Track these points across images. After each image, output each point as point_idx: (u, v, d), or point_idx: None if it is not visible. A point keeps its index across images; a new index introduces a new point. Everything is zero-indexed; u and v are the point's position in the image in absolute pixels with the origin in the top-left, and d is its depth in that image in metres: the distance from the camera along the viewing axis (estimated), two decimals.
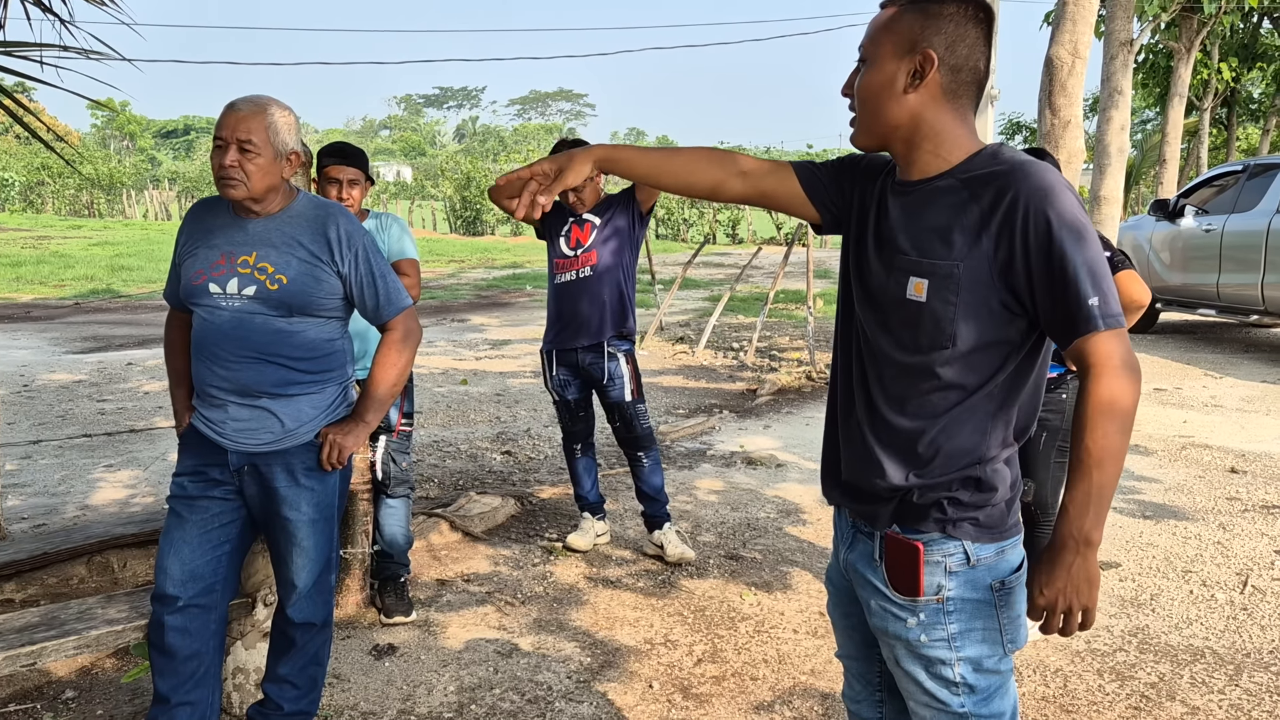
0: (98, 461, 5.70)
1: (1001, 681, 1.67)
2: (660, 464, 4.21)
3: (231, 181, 2.36)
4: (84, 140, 63.84)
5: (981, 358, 1.58)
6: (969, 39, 1.59)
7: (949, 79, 1.59)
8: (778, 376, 8.26)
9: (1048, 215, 1.50)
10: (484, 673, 3.23)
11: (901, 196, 1.65)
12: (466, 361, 9.29)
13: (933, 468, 1.61)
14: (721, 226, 33.08)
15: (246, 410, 2.45)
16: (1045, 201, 1.50)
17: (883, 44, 1.61)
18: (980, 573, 1.61)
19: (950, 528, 1.60)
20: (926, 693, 1.67)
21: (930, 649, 1.64)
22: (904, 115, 1.61)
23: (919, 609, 1.63)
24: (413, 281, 3.57)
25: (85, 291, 15.59)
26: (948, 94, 1.60)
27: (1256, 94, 23.21)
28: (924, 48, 1.58)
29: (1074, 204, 1.52)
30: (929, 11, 1.59)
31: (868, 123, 1.65)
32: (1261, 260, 8.75)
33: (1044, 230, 1.49)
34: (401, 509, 3.72)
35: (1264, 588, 3.89)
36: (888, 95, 1.61)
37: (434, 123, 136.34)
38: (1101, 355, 1.50)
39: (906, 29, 1.59)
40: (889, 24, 1.61)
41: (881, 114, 1.62)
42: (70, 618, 2.62)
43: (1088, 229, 1.51)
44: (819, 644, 3.42)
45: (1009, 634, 1.64)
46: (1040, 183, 1.52)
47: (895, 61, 1.60)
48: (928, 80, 1.58)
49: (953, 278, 1.56)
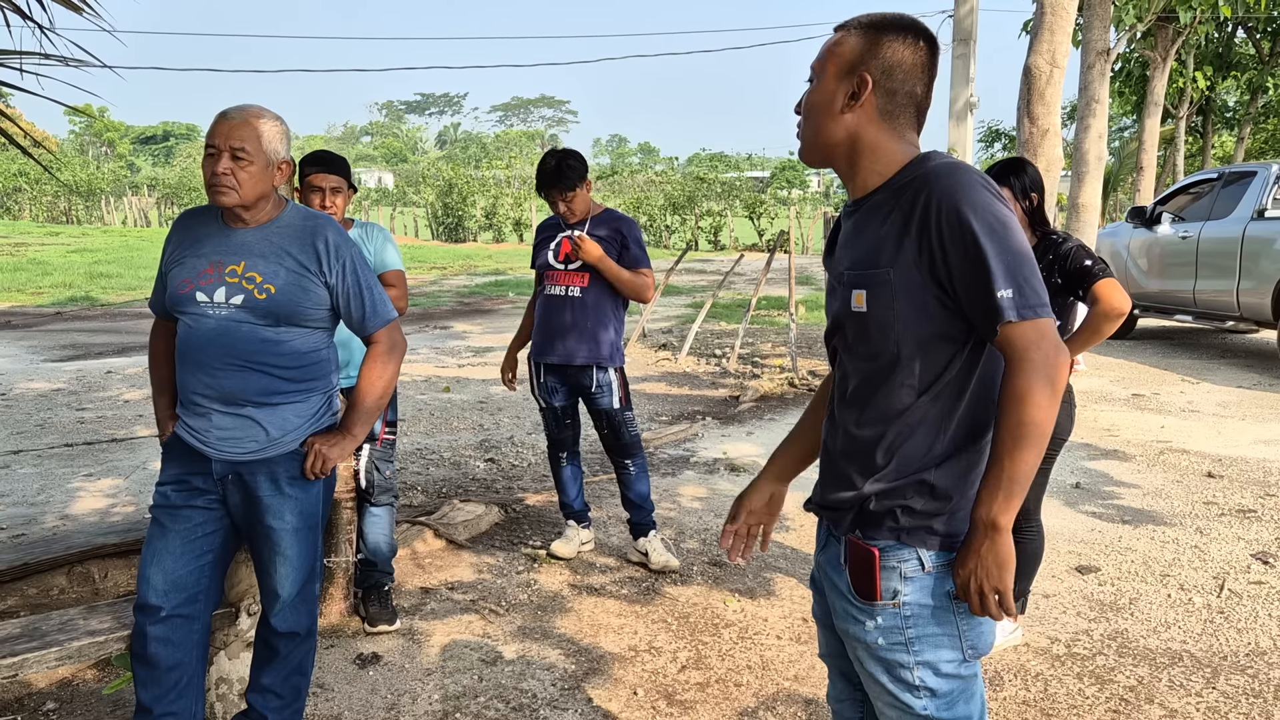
0: (77, 471, 5.66)
1: (964, 686, 1.69)
2: (647, 471, 4.22)
3: (223, 189, 2.37)
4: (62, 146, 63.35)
5: (927, 359, 1.62)
6: (906, 65, 1.67)
7: (885, 101, 1.67)
8: (760, 383, 8.29)
9: (959, 210, 1.55)
10: (468, 681, 3.23)
11: (850, 218, 1.76)
12: (449, 369, 9.27)
13: (887, 473, 1.65)
14: (704, 233, 33.15)
15: (231, 419, 2.44)
16: (957, 197, 1.56)
17: (827, 64, 1.71)
18: (936, 579, 1.64)
19: (904, 535, 1.64)
20: (890, 694, 1.70)
21: (889, 652, 1.67)
22: (841, 133, 1.69)
23: (876, 613, 1.67)
24: (399, 293, 3.58)
25: (64, 299, 15.46)
26: (883, 115, 1.68)
27: (1231, 102, 23.52)
28: (861, 70, 1.67)
29: (987, 199, 1.56)
30: (870, 37, 1.68)
31: (810, 139, 1.74)
32: (1236, 266, 8.86)
33: (955, 224, 1.55)
34: (385, 517, 3.72)
35: (1240, 591, 3.94)
36: (826, 114, 1.70)
37: (416, 129, 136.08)
38: (1018, 346, 1.54)
39: (849, 52, 1.68)
40: (834, 46, 1.71)
41: (821, 131, 1.71)
42: (51, 629, 2.60)
43: (1004, 223, 1.55)
44: (802, 650, 3.44)
45: (969, 640, 1.67)
46: (952, 181, 1.57)
47: (836, 81, 1.69)
48: (863, 101, 1.67)
49: (887, 284, 1.62)
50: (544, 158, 4.10)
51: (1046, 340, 1.54)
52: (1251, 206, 8.93)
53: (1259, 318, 8.75)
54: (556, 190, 4.00)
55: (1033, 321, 1.53)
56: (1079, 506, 5.05)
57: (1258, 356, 9.64)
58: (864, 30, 1.69)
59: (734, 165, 69.48)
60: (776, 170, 73.58)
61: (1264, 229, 8.68)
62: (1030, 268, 1.56)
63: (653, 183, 39.56)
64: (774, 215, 32.93)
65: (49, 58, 3.69)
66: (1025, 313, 1.53)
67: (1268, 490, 5.29)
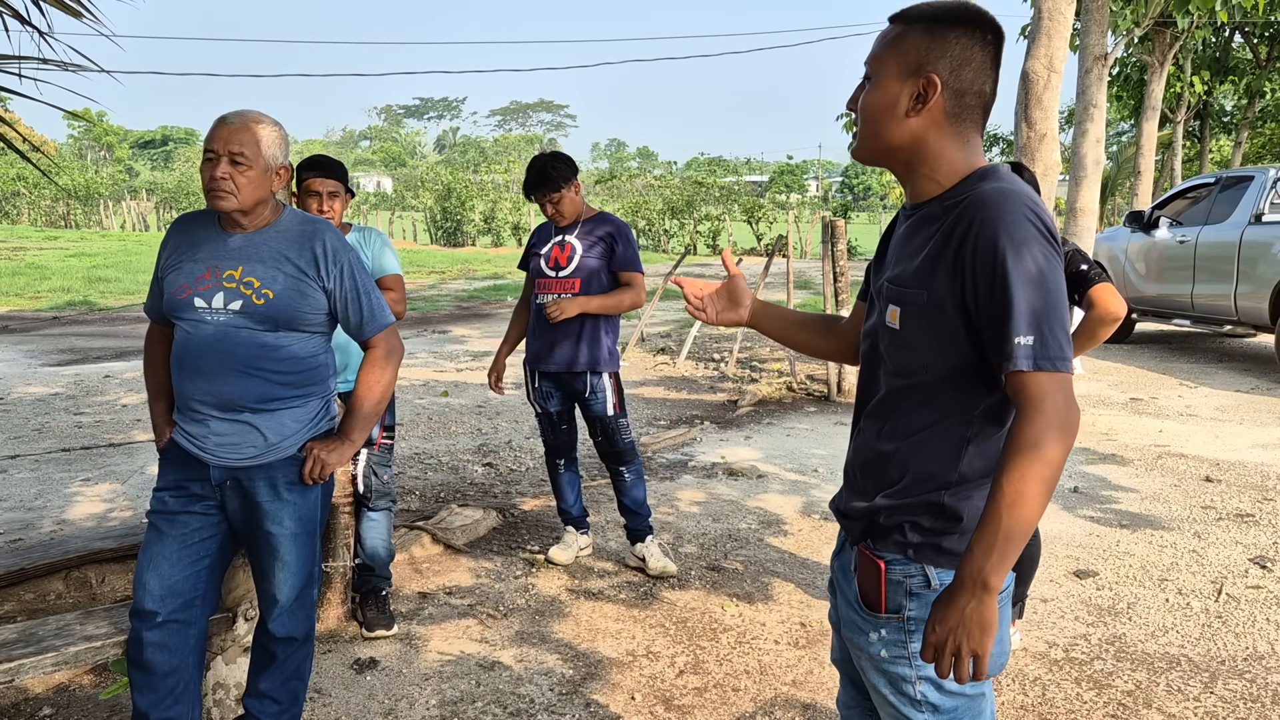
0: (75, 475, 5.65)
1: (969, 704, 1.64)
2: (643, 477, 4.21)
3: (222, 193, 2.37)
4: (60, 151, 63.36)
5: (957, 386, 1.56)
6: (975, 62, 1.55)
7: (953, 103, 1.56)
8: (758, 387, 8.29)
9: (996, 242, 1.46)
10: (466, 686, 3.22)
11: (905, 221, 1.66)
12: (447, 373, 9.27)
13: (899, 489, 1.61)
14: (702, 237, 33.17)
15: (228, 425, 2.44)
16: (999, 229, 1.46)
17: (887, 63, 1.58)
18: None
19: (912, 551, 1.60)
20: (893, 706, 1.67)
21: (892, 665, 1.64)
22: (905, 137, 1.58)
23: (881, 625, 1.64)
24: (398, 297, 3.58)
25: (62, 303, 15.46)
26: (950, 118, 1.57)
27: (1229, 107, 23.56)
28: (928, 71, 1.54)
29: (1031, 236, 1.46)
30: (935, 33, 1.55)
31: (868, 141, 1.63)
32: (1234, 271, 8.87)
33: (989, 257, 1.46)
34: (383, 522, 3.72)
35: (1238, 595, 3.94)
36: (889, 117, 1.58)
37: (414, 133, 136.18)
38: (1033, 395, 1.44)
39: (912, 49, 1.56)
40: (895, 42, 1.58)
41: (882, 134, 1.60)
42: (48, 634, 2.60)
43: (1041, 266, 1.45)
44: (800, 655, 3.43)
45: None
46: (999, 211, 1.47)
47: (899, 83, 1.56)
48: (930, 105, 1.55)
49: (920, 306, 1.55)
50: (530, 161, 4.10)
51: (1063, 395, 1.44)
52: (1249, 211, 8.94)
53: (1257, 322, 8.76)
54: (542, 193, 3.99)
55: (1051, 374, 1.44)
56: (1077, 511, 5.05)
57: (1256, 361, 9.65)
58: (929, 25, 1.55)
59: (732, 170, 69.48)
60: (775, 175, 73.64)
61: (1261, 233, 8.69)
62: (1058, 319, 1.45)
63: (651, 187, 39.60)
64: (772, 220, 32.94)
65: (47, 62, 3.69)
66: (1043, 364, 1.43)
67: (1265, 495, 5.29)
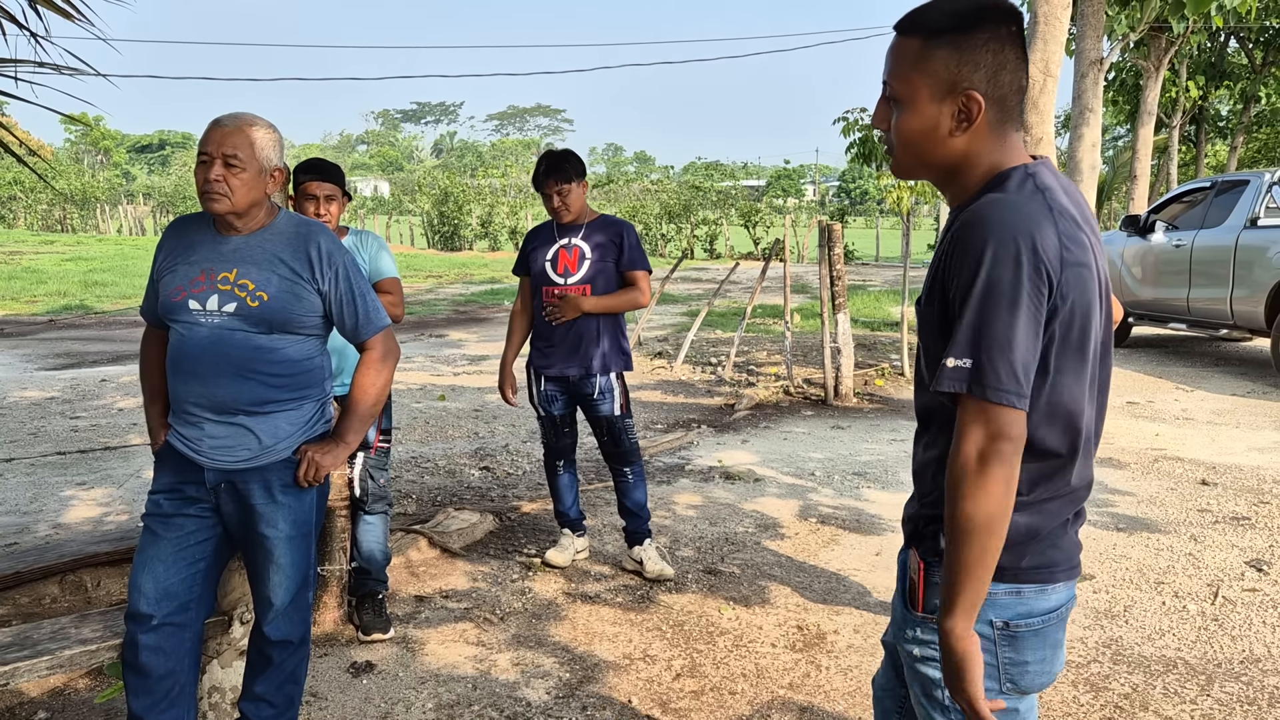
0: (71, 479, 5.64)
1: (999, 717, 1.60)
2: (644, 479, 4.21)
3: (216, 195, 2.37)
4: (57, 155, 63.29)
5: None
6: (1009, 63, 1.47)
7: (995, 111, 1.48)
8: (755, 391, 8.30)
9: (964, 266, 1.41)
10: (462, 689, 3.22)
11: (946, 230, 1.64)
12: (444, 377, 9.27)
13: (934, 499, 1.60)
14: (699, 242, 33.20)
15: (223, 427, 2.44)
16: (980, 243, 1.41)
17: (916, 85, 1.48)
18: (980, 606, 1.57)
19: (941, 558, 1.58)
20: (923, 709, 1.66)
21: (924, 666, 1.63)
22: (953, 156, 1.51)
23: (917, 624, 1.63)
24: (395, 300, 3.58)
25: (58, 307, 15.44)
26: (994, 125, 1.49)
27: (1224, 111, 23.63)
28: (966, 89, 1.46)
29: (1005, 258, 1.39)
30: (962, 44, 1.45)
31: (910, 165, 1.57)
32: (1230, 275, 8.89)
33: (959, 269, 1.43)
34: (379, 525, 3.71)
35: (1234, 598, 3.94)
36: (932, 141, 1.50)
37: (411, 138, 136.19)
38: (959, 423, 1.41)
39: (942, 68, 1.46)
40: (918, 62, 1.48)
41: (927, 158, 1.53)
42: (43, 637, 2.59)
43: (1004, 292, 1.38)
44: (797, 658, 3.43)
45: (1009, 674, 1.57)
46: (985, 228, 1.41)
47: (935, 105, 1.48)
48: (976, 122, 1.47)
49: (925, 315, 1.54)
50: (545, 153, 4.10)
51: (983, 430, 1.38)
52: (1244, 215, 8.96)
53: (1252, 326, 8.77)
54: (553, 180, 3.96)
55: (978, 402, 1.38)
56: None
57: (1252, 364, 9.67)
58: (953, 37, 1.45)
59: (729, 174, 69.56)
60: (772, 179, 73.76)
61: (1257, 237, 8.71)
62: (1006, 347, 1.38)
63: (648, 191, 39.62)
64: (769, 224, 32.99)
65: (43, 66, 3.69)
66: (975, 389, 1.38)
67: (1261, 498, 5.30)
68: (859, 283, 19.82)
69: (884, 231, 35.01)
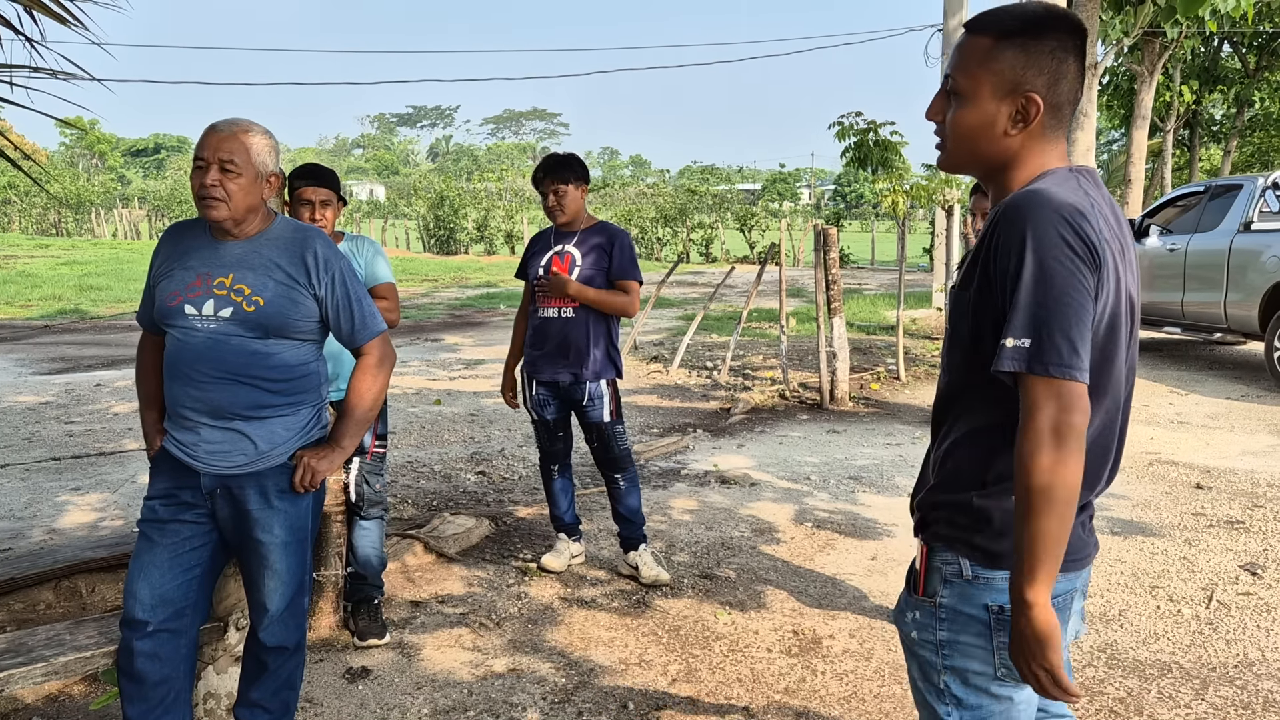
0: (65, 484, 5.63)
1: (999, 708, 1.64)
2: (638, 485, 4.21)
3: (213, 202, 2.37)
4: (52, 159, 63.17)
5: (989, 386, 1.54)
6: (1070, 73, 1.54)
7: (1050, 117, 1.56)
8: (751, 395, 8.30)
9: (1012, 249, 1.46)
10: (458, 695, 3.22)
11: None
12: (440, 381, 9.26)
13: (938, 486, 1.66)
14: (695, 246, 33.21)
15: (219, 432, 2.44)
16: (1024, 226, 1.46)
17: (980, 81, 1.56)
18: (978, 590, 1.61)
19: (946, 542, 1.64)
20: (920, 692, 1.72)
21: (921, 649, 1.68)
22: (1004, 154, 1.58)
23: (916, 606, 1.68)
24: (391, 305, 3.58)
25: (52, 312, 15.41)
26: (1047, 130, 1.57)
27: (1218, 116, 23.72)
28: (1027, 90, 1.53)
29: (1053, 239, 1.44)
30: (1030, 48, 1.53)
31: (961, 157, 1.64)
32: (1224, 279, 8.92)
33: (1006, 253, 1.47)
34: (375, 530, 3.71)
35: (1229, 602, 3.95)
36: (987, 136, 1.57)
37: (407, 141, 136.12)
38: (1024, 405, 1.45)
39: (1008, 68, 1.54)
40: (986, 60, 1.55)
41: (979, 154, 1.60)
42: (38, 644, 2.59)
43: (1052, 269, 1.44)
44: (793, 663, 3.43)
45: (1003, 659, 1.60)
46: (1026, 210, 1.47)
47: (995, 102, 1.55)
48: (1032, 124, 1.55)
49: (959, 306, 1.59)
50: (541, 162, 4.11)
51: (1054, 404, 1.42)
52: (1238, 219, 8.99)
53: (1246, 329, 8.80)
54: (551, 179, 3.97)
55: (1045, 379, 1.42)
56: None
57: (1246, 368, 9.69)
58: (1023, 41, 1.53)
59: (725, 178, 69.66)
60: (767, 183, 73.80)
61: (1251, 241, 8.74)
62: (1064, 324, 1.43)
63: (644, 195, 39.62)
64: (765, 228, 32.99)
65: (38, 70, 3.69)
66: (1036, 368, 1.42)
67: (1256, 501, 5.31)
68: (854, 287, 19.85)
69: (879, 235, 35.05)
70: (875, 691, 3.22)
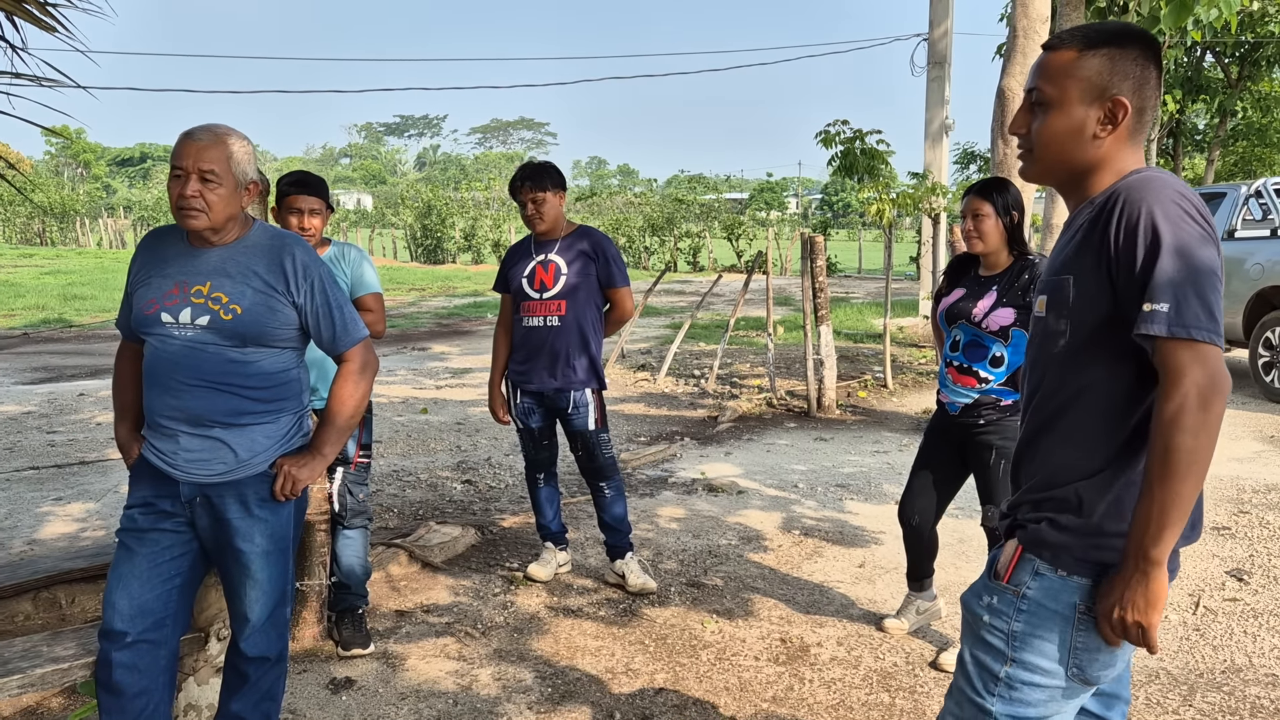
0: (46, 494, 5.57)
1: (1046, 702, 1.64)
2: (623, 493, 4.19)
3: (192, 212, 2.33)
4: (37, 168, 62.80)
5: (1090, 371, 1.59)
6: (1152, 81, 1.62)
7: (1135, 121, 1.63)
8: (739, 403, 8.29)
9: (1142, 213, 1.51)
10: (443, 705, 3.19)
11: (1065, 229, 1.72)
12: (427, 390, 9.23)
13: (1036, 483, 1.66)
14: (682, 254, 33.25)
15: (198, 440, 2.41)
16: (1149, 201, 1.51)
17: (1068, 89, 1.63)
18: (1068, 589, 1.61)
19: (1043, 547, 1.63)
20: (966, 677, 1.70)
21: (990, 634, 1.67)
22: (1094, 159, 1.64)
23: (996, 592, 1.68)
24: (377, 316, 3.56)
25: (36, 321, 15.30)
26: (1131, 134, 1.64)
27: (1201, 125, 23.90)
28: (1114, 94, 1.61)
29: (1179, 212, 1.50)
30: (1116, 56, 1.61)
31: (1049, 165, 1.69)
32: None
33: (1134, 226, 1.51)
34: (359, 540, 3.68)
35: (1215, 608, 3.96)
36: (1077, 141, 1.64)
37: (395, 151, 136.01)
38: (1169, 366, 1.48)
39: (1095, 75, 1.62)
40: (1072, 69, 1.63)
41: (1069, 159, 1.66)
42: (15, 655, 2.55)
43: (1187, 237, 1.49)
44: (780, 671, 3.42)
45: (1078, 659, 1.61)
46: (1147, 189, 1.53)
47: (1084, 108, 1.63)
48: (1120, 127, 1.62)
49: (1063, 291, 1.61)
50: (524, 163, 4.10)
51: (1200, 367, 1.45)
52: (1222, 227, 9.06)
53: (1231, 337, 8.85)
54: (527, 186, 3.95)
55: (1188, 343, 1.46)
56: None
57: (1231, 376, 9.74)
58: (1109, 49, 1.62)
59: (712, 187, 69.67)
60: (755, 192, 73.98)
61: (1234, 249, 8.80)
62: (1201, 287, 1.48)
63: (632, 204, 39.66)
64: (752, 236, 33.06)
65: (21, 77, 3.66)
66: (1178, 330, 1.46)
67: (1241, 508, 5.33)
68: (841, 295, 19.89)
69: (866, 244, 35.19)
70: (863, 699, 3.20)
